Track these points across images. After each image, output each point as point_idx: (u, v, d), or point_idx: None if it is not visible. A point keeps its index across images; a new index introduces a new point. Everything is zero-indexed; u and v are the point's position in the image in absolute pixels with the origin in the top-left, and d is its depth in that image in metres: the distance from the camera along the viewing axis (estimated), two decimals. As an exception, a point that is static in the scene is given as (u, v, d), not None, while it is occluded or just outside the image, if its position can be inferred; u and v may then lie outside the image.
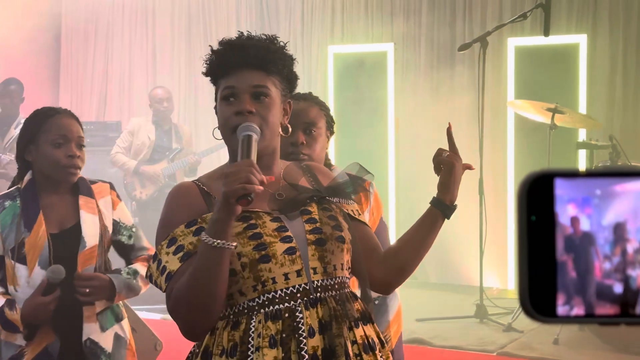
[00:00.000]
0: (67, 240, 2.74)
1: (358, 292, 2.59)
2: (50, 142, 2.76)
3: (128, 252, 2.93)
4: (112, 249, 2.93)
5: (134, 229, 2.91)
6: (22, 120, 6.71)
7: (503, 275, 7.38)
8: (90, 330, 2.76)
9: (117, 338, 2.83)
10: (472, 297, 6.43)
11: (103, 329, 2.79)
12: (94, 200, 2.81)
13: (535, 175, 0.76)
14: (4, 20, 8.28)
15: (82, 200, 2.78)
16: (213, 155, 7.85)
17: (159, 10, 9.15)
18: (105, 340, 2.79)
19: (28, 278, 2.70)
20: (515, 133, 7.35)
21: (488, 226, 6.18)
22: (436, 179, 2.09)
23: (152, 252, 2.76)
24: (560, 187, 0.76)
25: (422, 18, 7.90)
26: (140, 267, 2.86)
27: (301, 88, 8.28)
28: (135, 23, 9.21)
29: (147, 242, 2.94)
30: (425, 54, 7.87)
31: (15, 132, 6.79)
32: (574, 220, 0.76)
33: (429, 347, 5.50)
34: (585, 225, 0.76)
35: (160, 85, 8.10)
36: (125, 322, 2.89)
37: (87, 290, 2.72)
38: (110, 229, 2.83)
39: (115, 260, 2.97)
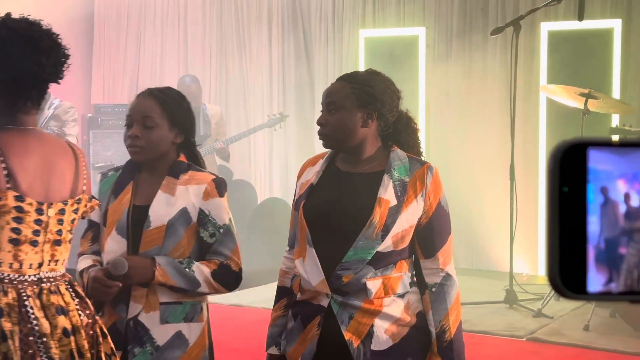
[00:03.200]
0: (142, 216, 2.72)
1: (407, 277, 2.59)
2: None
3: (204, 250, 2.77)
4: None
5: (221, 230, 2.75)
6: (55, 102, 6.87)
7: (533, 261, 7.34)
8: (135, 311, 2.70)
9: (178, 337, 2.72)
10: (502, 283, 6.41)
11: (163, 320, 2.70)
12: (176, 182, 2.74)
13: (568, 144, 0.73)
14: (38, 5, 8.34)
15: (166, 180, 2.74)
16: (243, 141, 7.89)
17: (191, -3, 9.18)
18: (160, 332, 2.70)
19: (105, 242, 2.74)
20: (548, 118, 7.29)
21: (518, 212, 6.14)
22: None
23: (232, 263, 2.74)
24: (594, 158, 0.74)
25: (454, 2, 7.85)
26: (201, 265, 2.72)
27: (332, 73, 8.31)
28: (167, 8, 9.24)
29: (232, 252, 2.77)
30: (457, 38, 7.82)
31: (48, 112, 6.85)
32: (607, 192, 0.74)
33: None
34: (618, 197, 0.74)
35: (191, 72, 8.15)
36: (197, 326, 2.76)
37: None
38: (194, 217, 2.73)
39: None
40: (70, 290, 2.56)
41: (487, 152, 7.37)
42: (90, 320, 2.56)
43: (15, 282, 2.43)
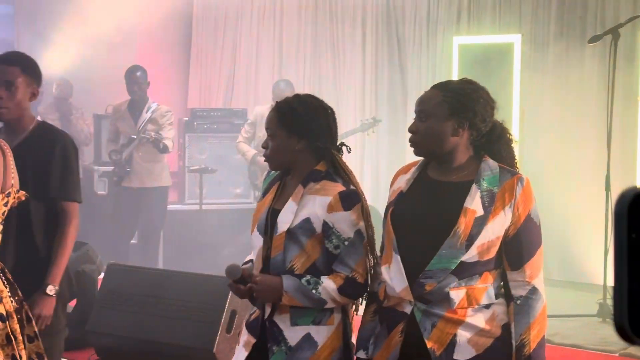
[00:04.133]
0: (275, 220, 2.84)
1: (492, 289, 2.58)
2: None
3: (331, 260, 2.80)
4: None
5: (346, 243, 2.76)
6: (152, 105, 7.04)
7: (629, 275, 7.15)
8: (271, 311, 2.82)
9: (307, 339, 2.81)
10: (595, 296, 6.27)
11: (293, 323, 2.81)
12: (305, 190, 2.80)
13: (636, 191, 0.72)
14: (137, 7, 8.58)
15: (297, 189, 2.82)
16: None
17: (287, 3, 9.28)
18: (291, 333, 2.81)
19: (251, 237, 2.91)
20: (647, 129, 7.10)
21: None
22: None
23: (357, 275, 2.76)
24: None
25: (551, 9, 7.73)
26: (328, 281, 2.77)
27: (425, 79, 8.27)
28: (263, 13, 9.36)
29: (357, 264, 2.79)
30: (553, 45, 7.69)
31: (146, 115, 7.04)
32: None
33: (548, 344, 5.40)
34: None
35: (285, 77, 8.23)
36: (326, 329, 2.82)
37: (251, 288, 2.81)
38: (318, 228, 2.77)
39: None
40: (3, 277, 2.73)
41: (582, 163, 7.22)
42: (18, 306, 2.76)
43: None
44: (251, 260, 2.95)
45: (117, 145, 7.11)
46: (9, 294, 2.75)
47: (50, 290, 3.27)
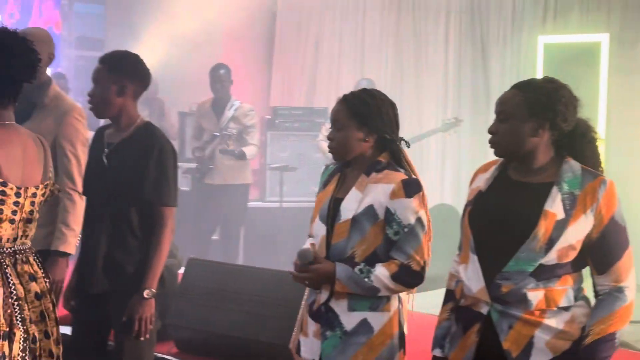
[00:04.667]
0: (338, 208, 2.93)
1: (572, 291, 2.53)
2: None
3: (390, 247, 2.88)
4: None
5: (405, 230, 2.83)
6: (235, 103, 7.12)
7: None
8: (326, 296, 2.90)
9: (363, 324, 2.88)
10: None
11: (350, 308, 2.88)
12: (368, 179, 2.90)
13: None
14: (222, 7, 8.69)
15: (360, 178, 2.92)
16: (415, 145, 7.89)
17: (370, 0, 9.26)
18: (348, 318, 2.88)
19: (312, 227, 3.03)
20: None
21: None
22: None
23: (413, 262, 2.82)
24: None
25: (641, 7, 7.53)
26: (381, 268, 2.83)
27: (508, 78, 8.15)
28: (346, 11, 9.37)
29: (414, 251, 2.84)
30: (643, 45, 7.49)
31: (228, 114, 7.12)
32: None
33: (631, 350, 5.26)
34: None
35: (367, 75, 8.23)
36: (382, 315, 2.89)
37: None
38: (381, 215, 2.85)
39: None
40: (37, 260, 3.00)
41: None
42: (51, 288, 3.02)
43: None
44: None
45: (200, 143, 7.21)
46: (43, 275, 2.99)
47: (147, 293, 3.32)
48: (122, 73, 3.41)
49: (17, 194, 2.90)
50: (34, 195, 2.96)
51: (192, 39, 8.51)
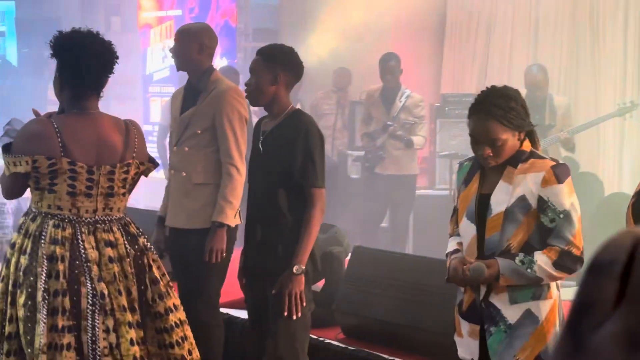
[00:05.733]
0: (486, 204, 2.95)
1: None
2: None
3: (545, 235, 2.90)
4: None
5: (561, 215, 2.85)
6: (406, 91, 7.13)
7: None
8: (486, 293, 2.93)
9: (528, 315, 2.89)
10: None
11: (512, 301, 2.89)
12: (515, 171, 2.92)
13: None
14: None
15: (507, 170, 2.93)
16: (592, 131, 7.62)
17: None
18: (510, 311, 2.90)
19: (459, 226, 3.07)
20: None
21: None
22: None
23: (573, 247, 2.83)
24: None
25: None
26: (541, 256, 2.84)
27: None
28: (519, -2, 9.15)
29: (573, 236, 2.86)
30: None
31: (399, 103, 7.14)
32: None
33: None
34: None
35: (541, 61, 8.01)
36: (546, 303, 2.91)
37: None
38: (533, 204, 2.88)
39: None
40: (122, 229, 3.44)
41: None
42: (137, 253, 3.43)
43: (73, 222, 3.35)
44: (457, 250, 3.05)
45: (369, 130, 7.27)
46: (125, 242, 3.41)
47: (297, 269, 3.49)
48: (276, 63, 3.62)
49: (90, 172, 3.35)
50: (111, 173, 3.40)
51: (362, 28, 8.58)
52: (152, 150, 9.58)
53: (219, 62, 9.19)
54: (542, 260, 2.81)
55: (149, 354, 3.43)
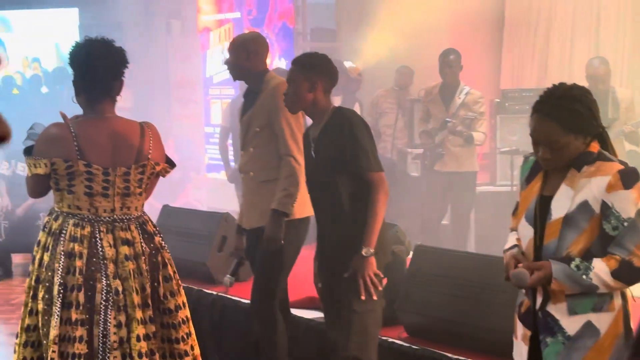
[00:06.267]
0: (547, 207, 2.81)
1: None
2: None
3: (606, 242, 2.73)
4: None
5: (625, 224, 2.68)
6: (465, 88, 7.08)
7: None
8: (539, 301, 2.82)
9: (588, 327, 2.75)
10: None
11: (571, 311, 2.75)
12: (579, 174, 2.77)
13: None
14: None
15: (570, 173, 2.79)
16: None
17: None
18: (569, 322, 2.76)
19: (517, 226, 2.97)
20: None
21: None
22: None
23: (635, 258, 2.66)
24: None
25: None
26: (600, 264, 2.69)
27: None
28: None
29: (636, 247, 2.69)
30: None
31: (458, 100, 7.10)
32: None
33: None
34: None
35: (602, 54, 7.89)
36: (607, 316, 2.75)
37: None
38: (596, 209, 2.72)
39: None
40: (138, 228, 3.61)
41: None
42: (152, 251, 3.61)
43: (92, 221, 3.56)
44: (515, 246, 2.94)
45: (428, 127, 7.25)
46: (142, 241, 3.60)
47: (366, 252, 3.61)
48: (312, 71, 3.77)
49: (105, 173, 3.55)
50: (127, 174, 3.59)
51: (420, 26, 8.56)
52: (214, 152, 9.72)
53: (277, 63, 9.26)
54: (599, 267, 2.66)
55: (159, 348, 3.62)
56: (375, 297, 3.63)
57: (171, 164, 3.75)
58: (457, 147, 7.05)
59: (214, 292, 5.50)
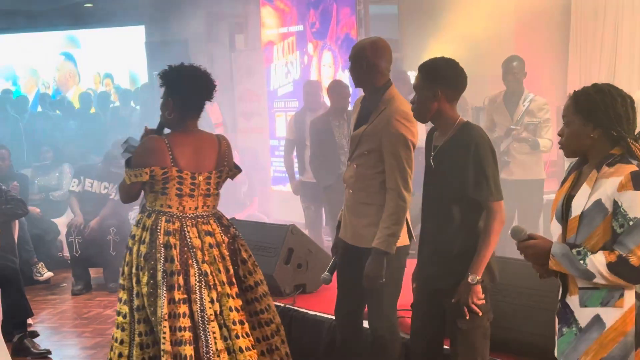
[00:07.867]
0: (570, 205, 2.94)
1: None
2: None
3: (614, 240, 2.84)
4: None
5: (630, 223, 2.77)
6: (529, 95, 6.98)
7: None
8: (562, 293, 2.98)
9: (596, 320, 2.87)
10: None
11: (582, 304, 2.90)
12: (597, 174, 2.90)
13: None
14: (518, 2, 8.59)
15: (592, 173, 2.91)
16: None
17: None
18: (581, 314, 2.90)
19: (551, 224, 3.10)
20: None
21: None
22: None
23: (632, 257, 2.76)
24: None
25: None
26: (599, 254, 2.81)
27: None
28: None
29: (637, 246, 2.77)
30: None
31: (523, 107, 7.01)
32: None
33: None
34: None
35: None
36: (614, 311, 2.85)
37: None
38: (609, 208, 2.83)
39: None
40: (217, 221, 4.32)
41: None
42: (230, 240, 4.32)
43: (180, 217, 4.23)
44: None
45: (492, 136, 7.17)
46: (221, 231, 4.30)
47: (472, 279, 3.55)
48: (434, 80, 3.60)
49: (193, 177, 4.23)
50: (208, 177, 4.30)
51: (484, 34, 8.51)
52: (279, 164, 9.79)
53: (340, 75, 9.29)
54: (597, 257, 2.79)
55: (248, 320, 4.26)
56: (480, 313, 3.60)
57: (239, 169, 4.44)
58: (523, 155, 6.97)
59: (281, 304, 5.52)
